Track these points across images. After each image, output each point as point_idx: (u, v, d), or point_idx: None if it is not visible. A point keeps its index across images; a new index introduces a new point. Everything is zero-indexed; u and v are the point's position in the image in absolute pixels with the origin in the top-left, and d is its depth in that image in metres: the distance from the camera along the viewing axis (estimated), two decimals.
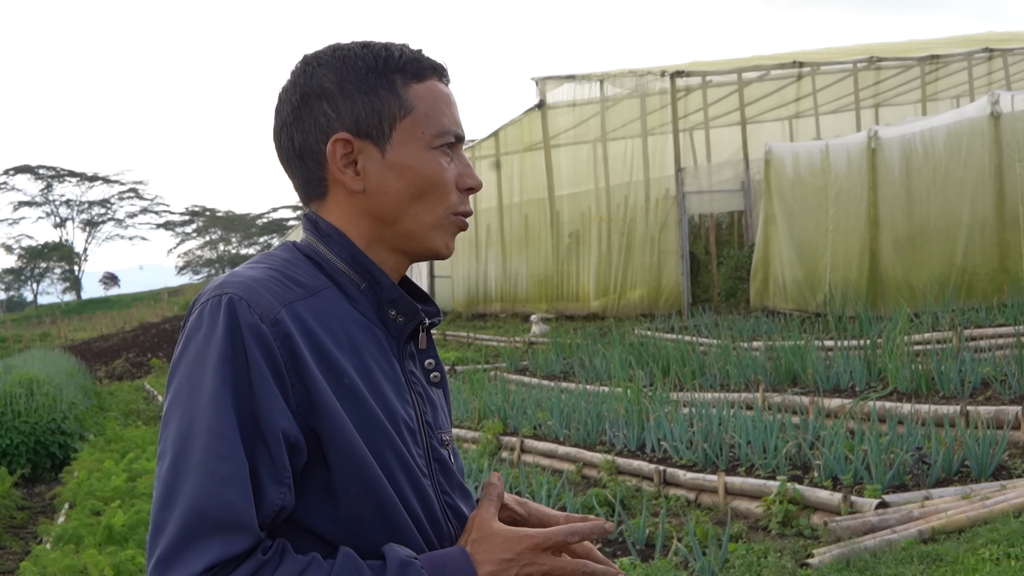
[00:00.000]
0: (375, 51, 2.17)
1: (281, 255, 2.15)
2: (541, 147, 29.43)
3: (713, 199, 25.42)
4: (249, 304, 1.97)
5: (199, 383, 1.92)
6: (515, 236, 30.95)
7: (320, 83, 2.13)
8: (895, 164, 18.73)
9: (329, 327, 2.05)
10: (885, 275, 18.81)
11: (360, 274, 2.13)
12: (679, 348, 16.48)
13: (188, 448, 1.89)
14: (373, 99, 2.13)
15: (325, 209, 2.17)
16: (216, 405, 1.90)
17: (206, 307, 1.98)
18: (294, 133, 2.15)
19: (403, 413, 2.11)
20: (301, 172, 2.18)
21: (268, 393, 1.93)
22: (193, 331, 1.98)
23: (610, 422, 12.41)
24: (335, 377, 2.00)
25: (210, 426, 1.89)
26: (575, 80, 28.18)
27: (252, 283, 2.01)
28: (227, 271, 2.16)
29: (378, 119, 2.13)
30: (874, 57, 26.56)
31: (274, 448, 1.92)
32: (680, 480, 10.09)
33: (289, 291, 2.04)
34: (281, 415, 1.93)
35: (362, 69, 2.14)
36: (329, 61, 2.15)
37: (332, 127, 2.12)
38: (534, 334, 24.64)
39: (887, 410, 11.04)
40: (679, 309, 23.48)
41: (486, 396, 15.24)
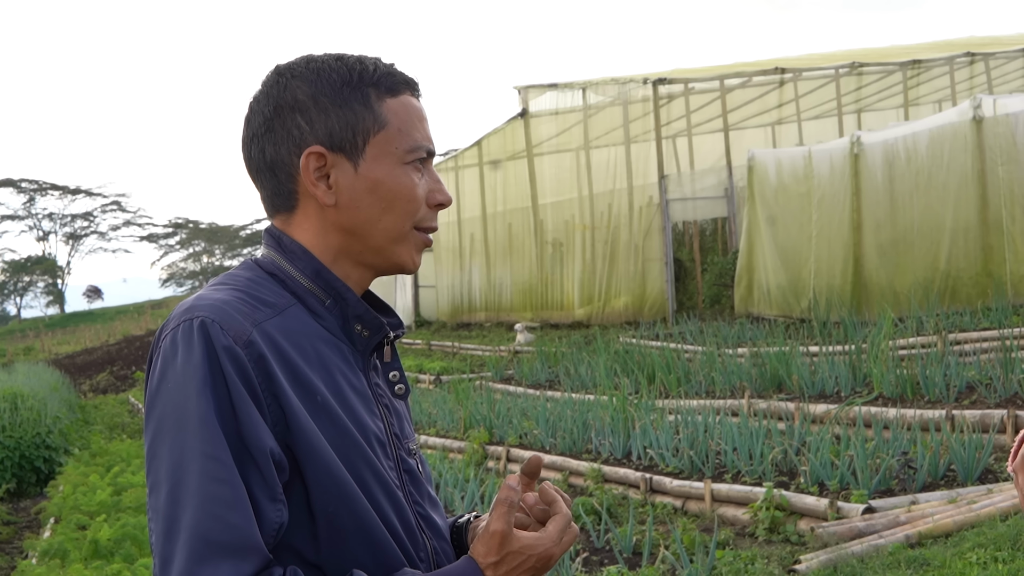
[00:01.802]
0: (349, 64, 2.15)
1: (244, 275, 2.13)
2: (524, 156, 29.44)
3: (697, 206, 25.44)
4: (222, 326, 1.95)
5: (184, 410, 1.90)
6: (499, 245, 30.94)
7: (294, 95, 2.11)
8: (878, 169, 18.76)
9: (299, 345, 2.04)
10: (869, 280, 18.83)
11: (325, 290, 2.12)
12: (664, 355, 16.48)
13: (184, 476, 1.87)
14: (347, 113, 2.11)
15: (293, 223, 2.15)
16: (206, 430, 1.88)
17: (178, 332, 1.96)
18: (265, 145, 2.12)
19: (373, 427, 2.10)
20: (271, 184, 2.15)
21: (251, 413, 1.91)
22: (169, 357, 1.95)
23: (596, 430, 12.41)
24: (308, 395, 2.00)
25: (203, 451, 1.87)
26: (557, 88, 28.18)
27: (222, 305, 1.99)
28: (208, 284, 2.13)
29: (352, 133, 2.11)
30: (856, 63, 26.62)
31: (264, 466, 1.91)
32: (667, 488, 10.09)
33: (257, 311, 2.02)
34: (265, 433, 1.92)
35: (336, 82, 2.12)
36: (303, 73, 2.13)
37: (305, 140, 2.10)
38: (519, 343, 24.65)
39: (872, 415, 11.05)
40: (664, 316, 23.49)
41: (472, 406, 15.22)
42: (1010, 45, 28.55)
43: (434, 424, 15.83)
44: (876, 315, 16.82)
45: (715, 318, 22.08)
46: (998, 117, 17.02)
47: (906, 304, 17.24)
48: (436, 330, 31.97)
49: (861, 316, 17.85)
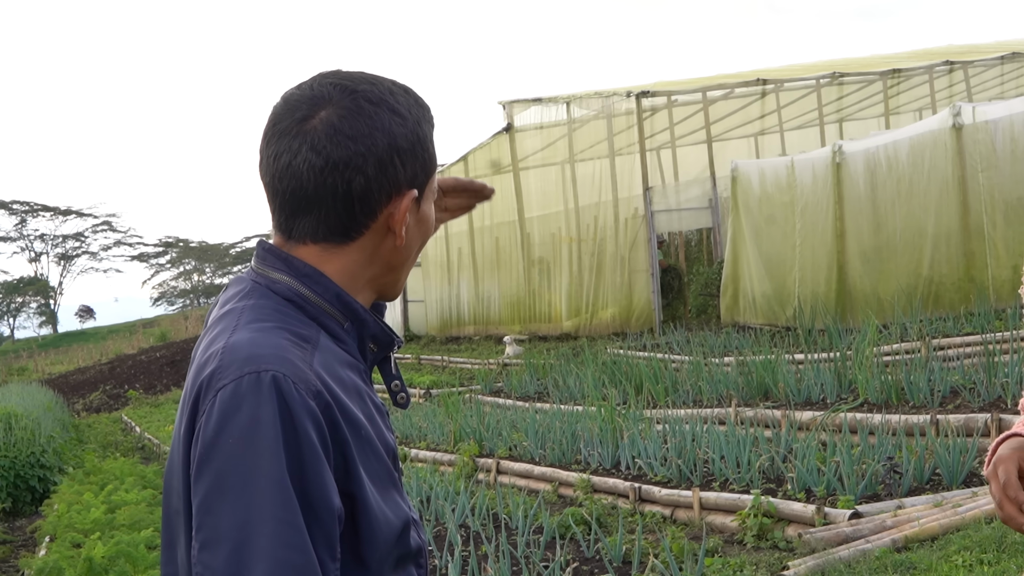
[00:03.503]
0: (420, 101, 2.14)
1: (268, 304, 2.06)
2: (510, 170, 29.53)
3: (682, 217, 25.57)
4: (294, 382, 1.89)
5: (252, 468, 1.84)
6: (486, 259, 31.03)
7: (393, 131, 2.05)
8: (860, 178, 18.90)
9: (338, 378, 2.00)
10: (853, 287, 18.96)
11: (343, 313, 2.08)
12: (651, 366, 16.57)
13: (251, 537, 1.81)
14: (425, 154, 2.11)
15: (335, 251, 2.08)
16: (279, 492, 1.83)
17: (241, 385, 1.88)
18: (356, 176, 2.02)
19: (391, 442, 2.12)
20: (338, 213, 2.05)
21: (323, 474, 1.88)
22: (230, 410, 1.88)
23: (585, 441, 12.49)
24: (356, 431, 1.98)
25: (275, 515, 1.82)
26: (542, 103, 28.29)
27: (283, 354, 1.93)
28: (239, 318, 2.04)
29: (425, 175, 2.11)
30: (836, 72, 26.78)
31: (329, 525, 1.89)
32: (655, 497, 10.18)
33: (305, 351, 1.98)
34: (334, 492, 1.90)
35: (420, 120, 2.11)
36: (394, 107, 2.07)
37: (399, 180, 2.06)
38: (508, 356, 24.72)
39: (858, 421, 11.15)
40: (651, 327, 23.59)
41: (461, 419, 15.30)
42: (988, 53, 28.75)
43: (424, 437, 15.90)
44: (860, 322, 16.94)
45: (702, 328, 22.20)
46: (977, 124, 17.16)
47: (890, 311, 17.37)
48: (425, 344, 32.03)
49: (846, 323, 17.97)
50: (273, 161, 2.06)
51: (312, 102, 2.05)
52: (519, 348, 25.29)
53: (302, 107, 2.05)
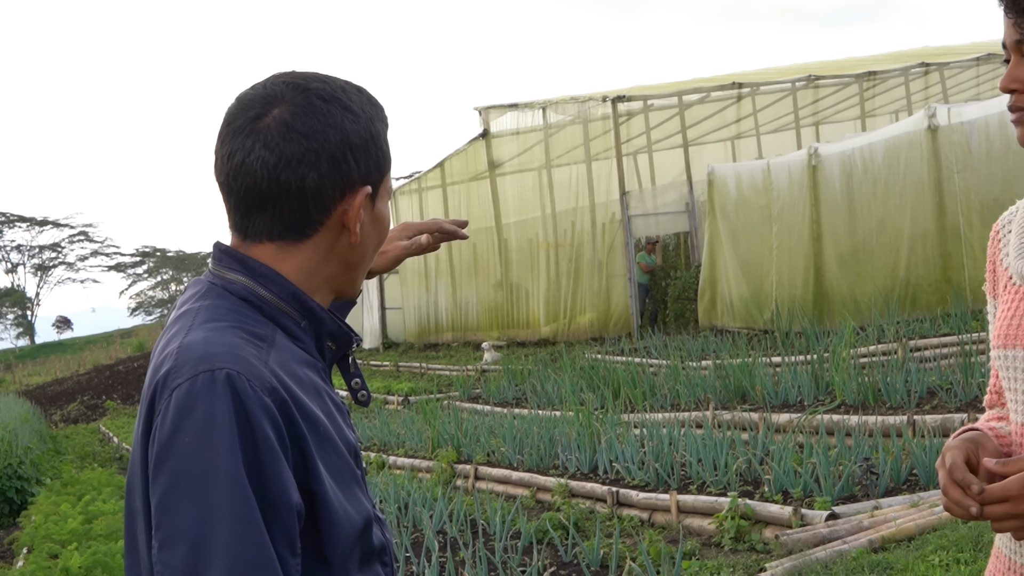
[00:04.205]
0: (373, 99, 2.15)
1: (223, 304, 2.05)
2: (487, 176, 29.52)
3: (659, 221, 25.58)
4: (248, 379, 1.89)
5: (208, 466, 1.84)
6: (464, 265, 31.02)
7: (346, 128, 2.05)
8: (836, 180, 18.93)
9: (296, 376, 2.00)
10: (830, 290, 18.99)
11: (300, 312, 2.08)
12: (629, 370, 16.57)
13: (209, 534, 1.81)
14: (378, 151, 2.11)
15: (290, 249, 2.08)
16: (236, 489, 1.83)
17: (196, 383, 1.88)
18: (308, 172, 2.02)
19: (352, 439, 2.10)
20: (291, 211, 2.05)
21: (281, 470, 1.88)
22: (185, 409, 1.87)
23: (562, 446, 12.47)
24: (314, 428, 1.97)
25: (233, 511, 1.82)
26: (518, 108, 28.29)
27: (238, 352, 1.93)
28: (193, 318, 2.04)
29: (379, 173, 2.11)
30: (812, 75, 26.84)
31: (288, 521, 1.88)
32: (633, 500, 10.16)
33: (260, 349, 1.97)
34: (293, 488, 1.89)
35: (374, 118, 2.11)
36: (347, 104, 2.08)
37: (352, 177, 2.06)
38: (486, 362, 24.70)
39: (835, 423, 11.16)
40: (629, 331, 23.60)
41: (439, 425, 15.26)
42: (964, 55, 28.82)
43: (403, 444, 15.87)
44: (838, 324, 16.96)
45: (680, 332, 22.18)
46: (953, 126, 17.19)
47: (867, 312, 17.40)
48: (404, 351, 32.00)
49: (823, 325, 18.00)
50: (227, 160, 2.06)
51: (265, 101, 2.06)
52: (497, 354, 25.29)
53: (255, 106, 2.06)
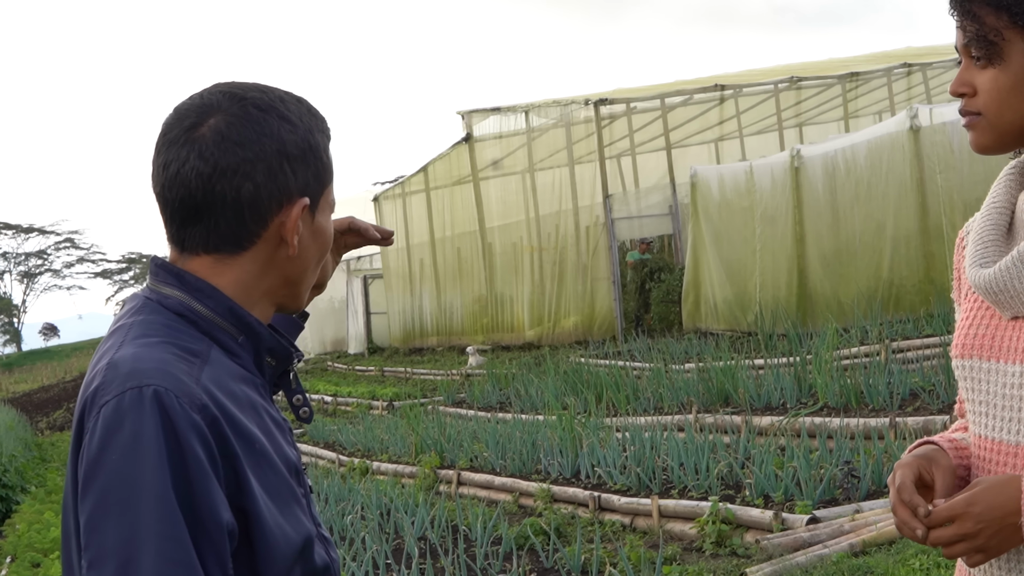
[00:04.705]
0: (312, 109, 2.11)
1: (156, 320, 2.01)
2: (470, 180, 29.49)
3: (643, 224, 25.56)
4: (176, 395, 1.85)
5: (135, 485, 1.80)
6: (448, 269, 30.98)
7: (283, 138, 2.02)
8: (818, 181, 18.93)
9: (231, 392, 1.96)
10: (814, 291, 18.98)
11: (237, 327, 2.04)
12: (612, 373, 16.54)
13: (136, 555, 1.77)
14: (317, 163, 2.07)
15: (227, 262, 2.04)
16: (163, 508, 1.79)
17: (123, 400, 1.84)
18: (244, 182, 1.98)
19: (293, 457, 2.08)
20: (227, 222, 2.01)
21: (211, 488, 1.84)
22: (112, 426, 1.83)
23: (545, 451, 12.43)
24: (249, 446, 1.94)
25: (160, 531, 1.78)
26: (501, 112, 28.25)
27: (167, 368, 1.89)
28: (125, 333, 1.99)
29: (318, 184, 2.08)
30: (794, 77, 26.84)
31: (219, 541, 1.84)
32: (615, 505, 10.13)
33: (192, 365, 1.93)
34: (223, 507, 1.85)
35: (313, 129, 2.08)
36: (285, 115, 2.04)
37: (289, 188, 2.02)
38: (471, 366, 24.65)
39: (817, 426, 11.14)
40: (613, 335, 23.57)
41: (422, 431, 15.23)
42: (946, 55, 28.81)
43: (386, 450, 15.82)
44: (821, 326, 16.95)
45: (664, 334, 22.17)
46: (935, 126, 17.20)
47: (851, 314, 17.39)
48: (389, 356, 31.95)
49: (807, 327, 17.96)
50: (162, 171, 2.02)
51: (201, 110, 2.02)
52: (482, 358, 25.24)
53: (191, 115, 2.02)
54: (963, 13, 2.22)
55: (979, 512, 2.10)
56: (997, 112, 2.23)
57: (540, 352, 23.91)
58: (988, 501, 2.11)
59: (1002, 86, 2.21)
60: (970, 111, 2.27)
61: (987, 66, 2.22)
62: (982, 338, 2.29)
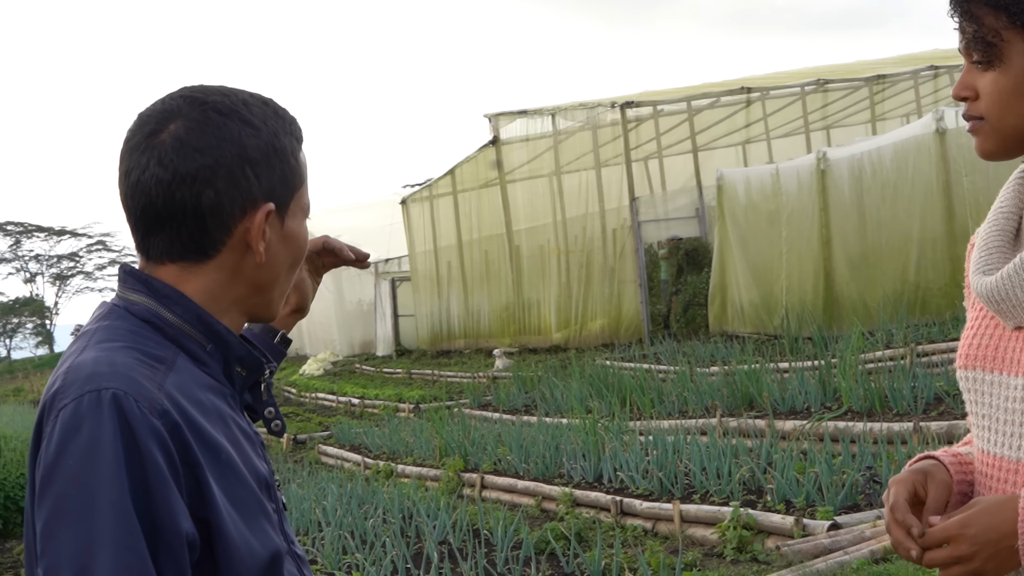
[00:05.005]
0: (279, 111, 2.08)
1: (123, 326, 1.97)
2: (497, 183, 29.46)
3: (669, 226, 25.48)
4: (136, 399, 1.81)
5: (92, 491, 1.76)
6: (476, 272, 30.95)
7: (244, 143, 1.99)
8: (844, 184, 18.87)
9: (196, 401, 1.92)
10: (840, 294, 18.92)
11: (206, 335, 2.01)
12: (638, 376, 16.52)
13: (91, 563, 1.73)
14: (284, 166, 2.04)
15: (193, 270, 2.01)
16: (119, 515, 1.75)
17: (82, 403, 1.81)
18: (205, 189, 1.96)
19: (263, 471, 2.03)
20: (189, 230, 1.99)
21: (170, 495, 1.80)
22: (70, 431, 1.80)
23: (568, 455, 12.42)
24: (214, 455, 1.90)
25: (115, 538, 1.74)
26: (527, 115, 28.20)
27: (127, 372, 1.85)
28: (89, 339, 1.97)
29: (287, 188, 2.05)
30: (821, 80, 26.72)
31: (178, 551, 1.80)
32: (637, 510, 10.12)
33: (155, 371, 1.89)
34: (183, 516, 1.81)
35: (279, 132, 2.05)
36: (248, 119, 2.01)
37: (254, 194, 1.99)
38: (498, 369, 24.64)
39: (840, 430, 11.10)
40: (640, 337, 23.51)
41: (447, 434, 15.23)
42: None
43: (411, 453, 15.83)
44: (847, 329, 16.89)
45: (690, 337, 22.12)
46: (961, 128, 17.10)
47: (877, 317, 17.31)
48: (416, 359, 31.93)
49: (833, 331, 17.90)
50: (124, 178, 2.01)
51: (161, 116, 2.00)
52: (509, 361, 25.21)
53: (151, 122, 2.01)
54: (962, 14, 2.18)
55: (974, 534, 2.07)
56: (999, 116, 2.19)
57: (567, 355, 23.87)
58: (984, 523, 2.07)
59: (1003, 89, 2.17)
60: (973, 116, 2.23)
61: (988, 68, 2.18)
62: (985, 348, 2.25)
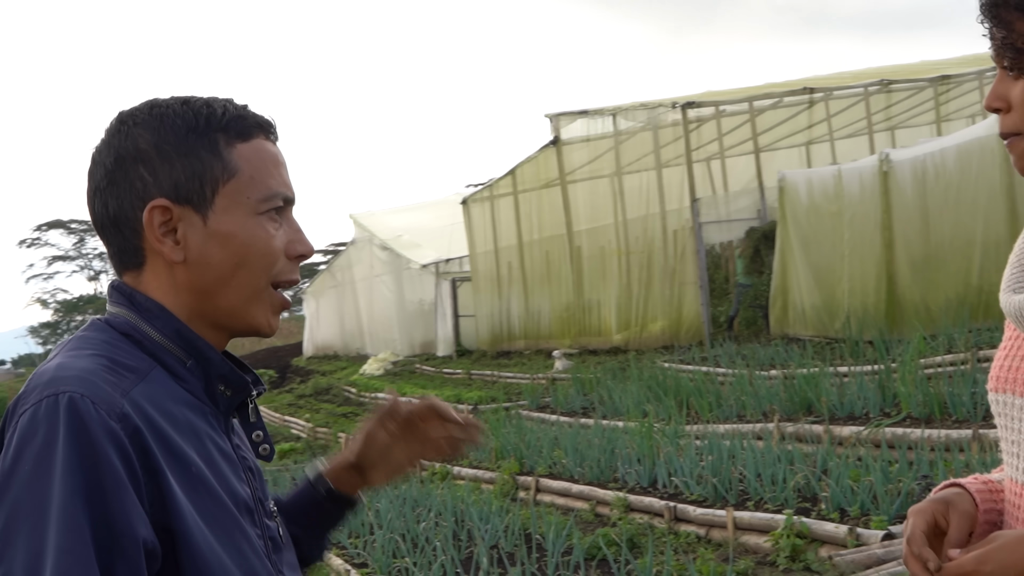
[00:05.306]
0: (196, 108, 2.01)
1: (98, 337, 1.95)
2: (558, 183, 29.39)
3: (731, 228, 25.38)
4: (93, 402, 1.76)
5: (44, 497, 1.71)
6: (536, 272, 30.90)
7: (136, 144, 1.97)
8: (907, 186, 18.69)
9: (167, 413, 1.87)
10: (902, 298, 18.73)
11: (186, 350, 1.97)
12: (696, 380, 16.41)
13: (41, 571, 1.67)
14: (193, 161, 1.97)
15: (142, 281, 2.00)
16: (66, 520, 1.69)
17: (40, 409, 1.76)
18: (108, 198, 1.98)
19: (243, 493, 1.97)
20: (116, 241, 2.00)
21: (126, 500, 1.74)
22: (27, 437, 1.75)
23: (622, 459, 12.34)
24: (182, 468, 1.84)
25: (59, 545, 1.68)
26: (588, 115, 28.11)
27: (87, 376, 1.81)
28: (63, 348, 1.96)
29: (199, 183, 1.97)
30: (885, 80, 26.47)
31: (134, 558, 1.73)
32: (690, 516, 10.04)
33: (123, 378, 1.85)
34: (140, 521, 1.75)
35: (181, 128, 1.98)
36: (146, 120, 1.99)
37: (149, 192, 1.96)
38: (557, 370, 24.58)
39: (898, 437, 10.96)
40: (700, 340, 23.38)
41: (503, 436, 15.19)
42: None
43: (467, 455, 15.79)
44: (909, 333, 16.71)
45: (751, 340, 21.98)
46: None
47: (939, 321, 17.12)
48: (476, 359, 31.93)
49: (895, 334, 17.72)
50: None
51: None
52: (568, 362, 25.15)
53: None
54: (991, 19, 2.04)
55: (990, 571, 1.96)
56: None
57: (626, 356, 23.76)
58: (1001, 560, 1.97)
59: None
60: (1008, 132, 2.09)
61: (1020, 77, 2.04)
62: (1016, 371, 2.15)
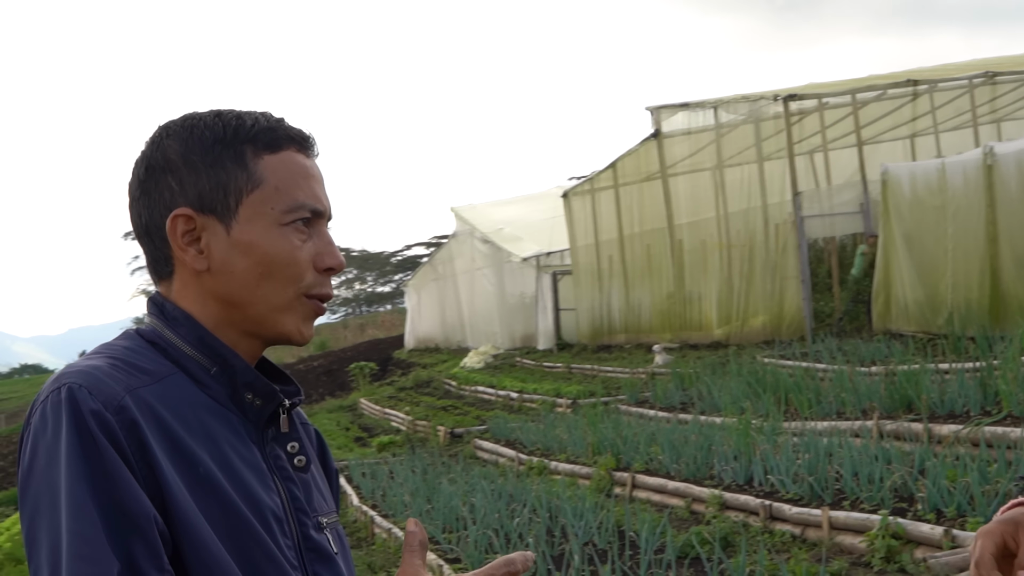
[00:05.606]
0: (226, 120, 2.04)
1: (121, 344, 2.00)
2: (659, 176, 29.30)
3: (834, 222, 25.10)
4: (90, 391, 1.82)
5: (56, 487, 1.76)
6: (637, 266, 30.82)
7: (165, 155, 2.02)
8: (1012, 180, 18.40)
9: (180, 414, 1.90)
10: (1006, 293, 18.44)
11: (210, 358, 1.99)
12: (796, 376, 16.29)
13: (60, 560, 1.72)
14: (219, 172, 2.01)
15: (172, 290, 2.04)
16: (74, 504, 1.74)
17: (47, 404, 1.83)
18: (141, 208, 2.04)
19: (269, 502, 1.95)
20: (149, 250, 2.05)
21: (128, 479, 1.78)
22: (39, 433, 1.82)
23: (719, 456, 12.29)
24: (188, 467, 1.86)
25: (70, 528, 1.73)
26: (689, 108, 27.99)
27: (91, 370, 1.87)
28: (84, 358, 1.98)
29: (223, 193, 2.00)
30: (990, 72, 26.07)
31: (148, 533, 1.76)
32: (786, 515, 9.99)
33: (133, 377, 1.89)
34: (147, 499, 1.79)
35: (209, 139, 2.02)
36: (178, 131, 2.03)
37: (175, 202, 2.00)
38: (657, 365, 24.49)
39: (998, 436, 10.80)
40: (801, 335, 23.18)
41: (600, 431, 15.19)
42: None
43: (564, 450, 15.82)
44: (1012, 329, 16.46)
45: (853, 335, 21.77)
46: None
47: None
48: (576, 353, 31.94)
49: (998, 330, 17.46)
50: None
51: None
52: (669, 357, 25.05)
53: None
54: None
55: None
56: None
57: (727, 351, 23.66)
58: None
59: None
60: None
61: None
62: None
